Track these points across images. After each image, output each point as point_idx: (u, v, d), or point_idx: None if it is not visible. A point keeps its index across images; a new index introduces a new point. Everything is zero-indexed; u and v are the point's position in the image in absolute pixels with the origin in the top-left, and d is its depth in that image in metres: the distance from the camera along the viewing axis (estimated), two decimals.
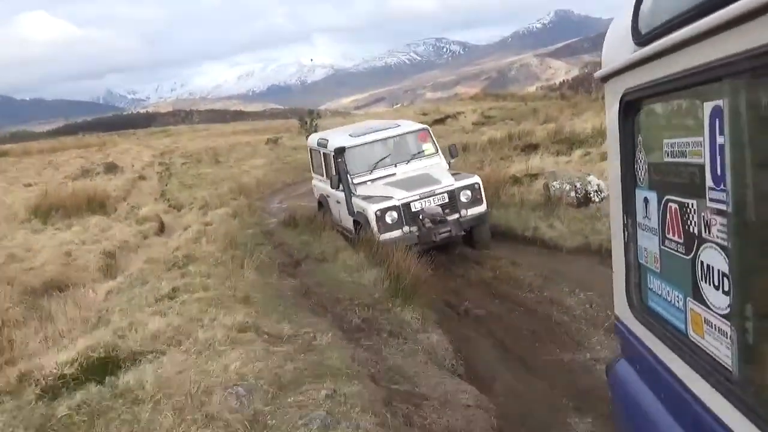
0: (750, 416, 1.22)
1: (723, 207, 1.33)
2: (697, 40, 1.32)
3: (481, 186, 8.73)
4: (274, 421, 3.13)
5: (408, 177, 9.00)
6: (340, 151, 8.96)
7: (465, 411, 3.78)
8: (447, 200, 8.41)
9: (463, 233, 8.53)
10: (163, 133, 52.66)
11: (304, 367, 3.89)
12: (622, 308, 2.09)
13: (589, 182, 10.33)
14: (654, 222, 1.77)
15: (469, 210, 8.46)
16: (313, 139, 11.29)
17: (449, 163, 9.61)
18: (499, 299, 6.67)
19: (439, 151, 9.76)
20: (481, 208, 8.60)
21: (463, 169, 14.58)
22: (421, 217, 8.21)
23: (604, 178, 10.20)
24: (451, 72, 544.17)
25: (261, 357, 3.98)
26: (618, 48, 1.89)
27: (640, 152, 1.87)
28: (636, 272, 1.96)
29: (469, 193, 8.55)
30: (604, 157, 13.79)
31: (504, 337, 5.45)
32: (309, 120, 29.36)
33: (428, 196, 8.39)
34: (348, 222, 9.16)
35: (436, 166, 9.38)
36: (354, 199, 8.76)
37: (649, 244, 1.83)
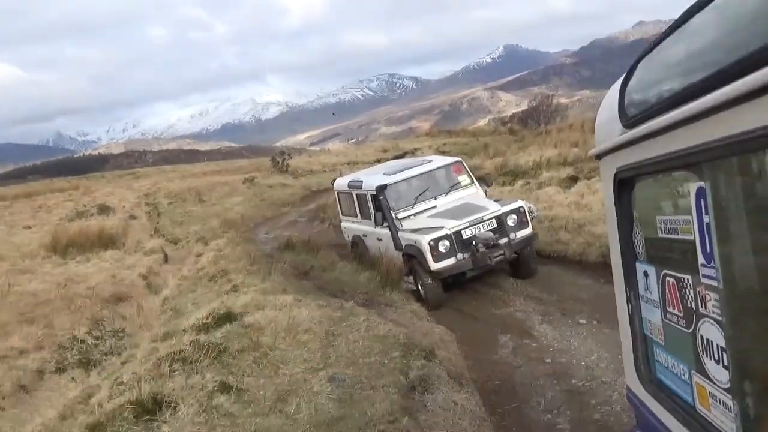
0: None
1: (715, 283, 1.34)
2: (677, 126, 1.37)
3: (527, 210, 9.01)
4: (339, 332, 5.86)
5: (451, 207, 9.20)
6: (382, 189, 9.26)
7: (439, 335, 6.56)
8: (495, 225, 8.60)
9: (514, 255, 8.68)
10: (132, 175, 54.33)
11: (342, 315, 6.62)
12: (632, 380, 2.08)
13: (532, 209, 13.33)
14: (655, 295, 1.77)
15: (517, 233, 8.65)
16: (342, 182, 11.59)
17: (485, 192, 10.00)
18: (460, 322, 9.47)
19: (475, 182, 10.02)
20: (528, 230, 8.81)
21: None
22: (474, 243, 8.37)
23: (536, 203, 13.21)
24: (405, 106, 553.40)
25: (316, 312, 6.70)
26: (608, 128, 1.94)
27: (637, 227, 1.90)
28: (642, 344, 1.96)
29: (515, 216, 8.75)
30: (540, 186, 16.87)
31: (460, 306, 8.25)
32: (281, 160, 32.06)
33: (477, 223, 8.57)
34: (392, 256, 9.36)
35: (474, 195, 9.65)
36: (401, 234, 8.93)
37: (652, 316, 1.84)
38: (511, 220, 8.71)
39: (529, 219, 8.91)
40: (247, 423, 3.85)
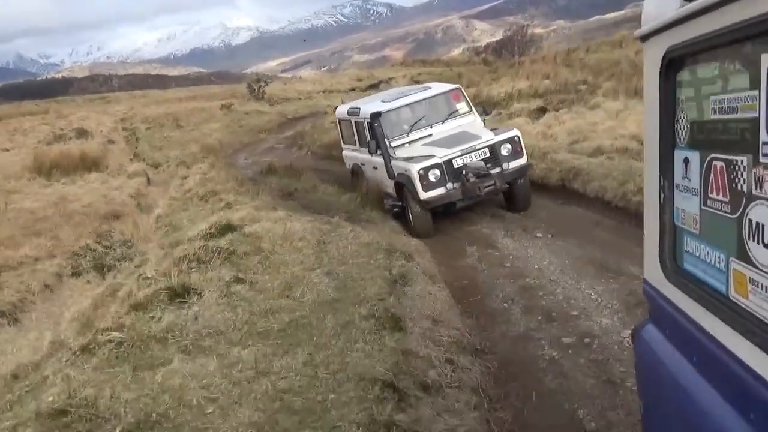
0: None
1: None
2: None
3: (521, 138, 8.80)
4: (329, 240, 6.76)
5: (446, 136, 9.10)
6: (376, 116, 9.03)
7: (415, 246, 7.49)
8: (488, 155, 8.47)
9: (507, 186, 8.59)
10: (102, 99, 53.70)
11: (330, 227, 7.50)
12: (653, 271, 2.08)
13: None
14: (695, 182, 1.74)
15: (511, 163, 8.52)
16: (342, 109, 11.34)
17: (484, 120, 9.81)
18: None
19: (473, 110, 9.84)
20: (523, 161, 8.66)
21: None
22: (464, 172, 8.28)
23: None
24: (378, 34, 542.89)
25: (306, 224, 7.56)
26: (662, 4, 1.84)
27: (682, 111, 1.83)
28: (671, 235, 1.94)
29: (509, 146, 8.59)
30: (511, 116, 17.71)
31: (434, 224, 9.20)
32: (257, 87, 32.25)
33: (470, 152, 8.44)
34: (387, 185, 9.31)
35: (471, 123, 9.52)
36: (394, 162, 8.80)
37: (687, 205, 1.81)
38: (504, 150, 8.54)
39: (523, 148, 8.71)
40: (262, 304, 4.75)
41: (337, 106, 12.58)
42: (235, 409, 3.12)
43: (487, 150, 8.48)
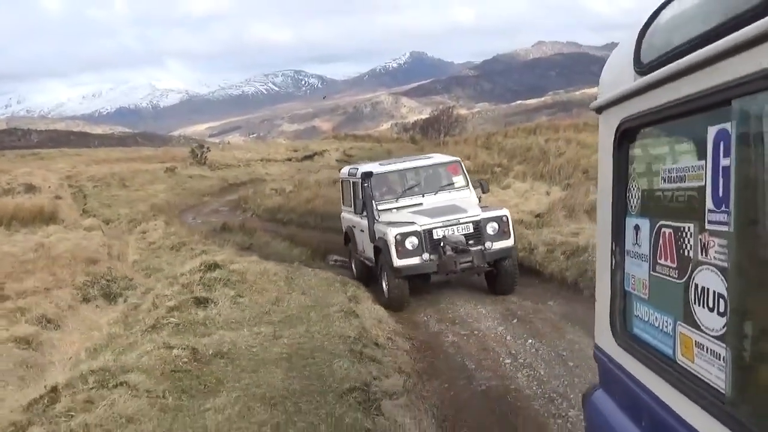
0: None
1: (723, 228, 1.38)
2: (706, 64, 1.37)
3: (510, 219, 8.53)
4: (296, 276, 9.05)
5: (434, 207, 8.91)
6: (367, 176, 8.91)
7: (357, 285, 9.86)
8: (472, 230, 8.24)
9: (487, 267, 8.32)
10: (34, 156, 54.06)
11: (293, 269, 9.77)
12: (603, 337, 2.12)
13: None
14: (645, 248, 1.81)
15: (494, 243, 8.22)
16: (345, 170, 11.32)
17: (479, 198, 9.55)
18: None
19: (470, 185, 9.63)
20: (508, 242, 8.35)
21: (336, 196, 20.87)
22: (442, 244, 8.06)
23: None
24: (309, 104, 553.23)
25: (275, 267, 9.80)
26: (616, 78, 1.97)
27: (634, 180, 1.93)
28: (621, 300, 2.00)
29: (496, 225, 8.30)
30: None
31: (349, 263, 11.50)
32: (200, 152, 34.35)
33: (452, 225, 8.24)
34: (370, 250, 9.00)
35: (465, 198, 9.32)
36: (376, 225, 8.63)
37: (637, 271, 1.88)
38: (490, 228, 8.28)
39: (511, 229, 8.46)
40: (262, 308, 6.97)
41: (341, 168, 12.87)
42: (269, 348, 5.34)
43: (471, 225, 8.27)
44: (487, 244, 8.21)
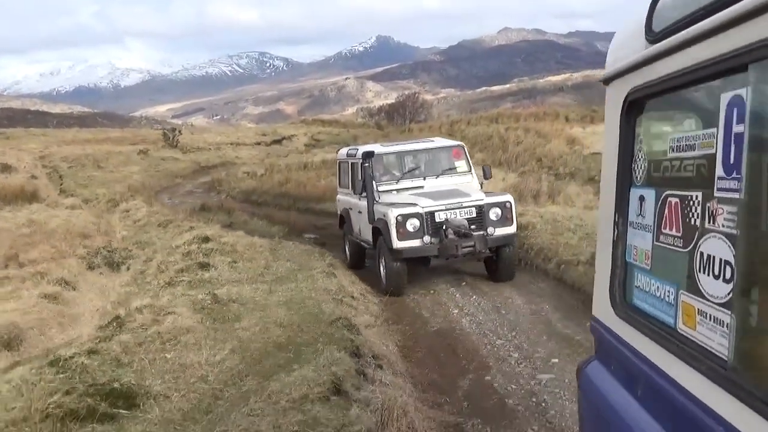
0: (745, 401, 1.28)
1: (734, 195, 1.39)
2: (722, 29, 1.36)
3: (513, 205, 8.48)
4: (279, 248, 10.49)
5: (436, 190, 8.84)
6: (368, 155, 8.85)
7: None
8: (474, 215, 8.18)
9: (488, 252, 8.26)
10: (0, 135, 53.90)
11: (275, 243, 11.20)
12: (602, 307, 2.16)
13: None
14: (649, 219, 1.85)
15: (497, 229, 8.18)
16: (343, 151, 11.32)
17: (481, 184, 9.47)
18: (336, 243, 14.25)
19: (473, 170, 9.58)
20: (511, 229, 8.33)
21: (309, 179, 22.28)
22: (444, 227, 7.98)
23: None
24: (274, 87, 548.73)
25: (259, 240, 11.20)
26: (626, 48, 1.97)
27: (640, 151, 1.95)
28: (622, 271, 2.04)
29: (499, 211, 8.25)
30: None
31: (324, 240, 12.95)
32: (172, 135, 35.24)
33: (455, 208, 8.16)
34: (367, 232, 8.97)
35: (467, 183, 9.24)
36: (376, 206, 8.55)
37: (640, 241, 1.92)
38: (493, 214, 8.24)
39: (514, 216, 8.43)
40: (256, 271, 8.38)
41: (339, 149, 12.99)
42: (269, 297, 6.77)
43: (474, 210, 8.21)
44: (490, 230, 8.14)
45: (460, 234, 7.92)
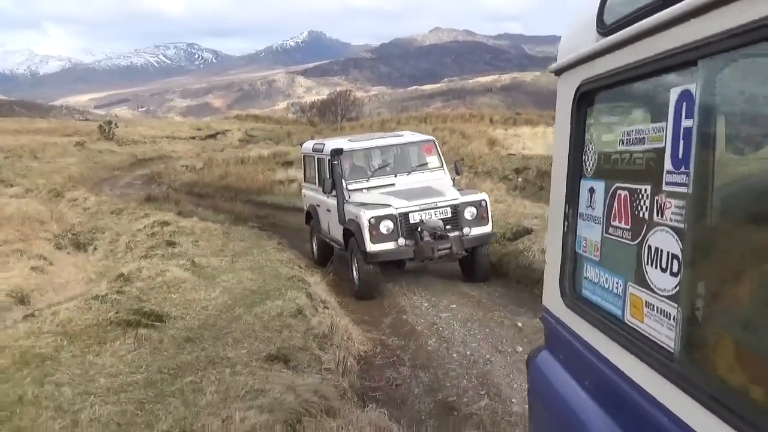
0: (691, 393, 1.30)
1: (682, 189, 1.41)
2: (672, 23, 1.37)
3: (488, 204, 8.30)
4: (230, 232, 12.12)
5: (409, 188, 8.60)
6: (337, 153, 8.58)
7: (277, 240, 13.03)
8: (450, 215, 8.00)
9: (464, 253, 8.09)
10: None
11: (226, 228, 12.80)
12: (552, 298, 2.19)
13: None
14: (599, 211, 1.86)
15: (473, 228, 8.02)
16: (308, 145, 10.95)
17: (453, 180, 9.32)
18: (278, 229, 15.88)
19: (444, 166, 9.35)
20: (486, 228, 8.16)
21: (248, 173, 23.71)
22: (419, 229, 7.78)
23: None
24: (202, 80, 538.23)
25: (212, 225, 12.79)
26: (577, 40, 1.96)
27: (590, 143, 1.96)
28: (571, 262, 2.06)
29: (474, 210, 8.09)
30: None
31: (284, 235, 14.69)
32: (108, 128, 35.76)
33: (430, 209, 7.97)
34: (337, 232, 8.78)
35: (439, 180, 9.03)
36: (347, 206, 8.32)
37: (590, 233, 1.93)
38: (468, 213, 8.08)
39: (489, 215, 8.24)
40: (216, 248, 9.99)
41: (302, 143, 12.53)
42: (233, 265, 8.42)
43: (449, 210, 8.03)
44: (466, 230, 8.00)
45: (436, 236, 7.73)
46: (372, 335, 6.16)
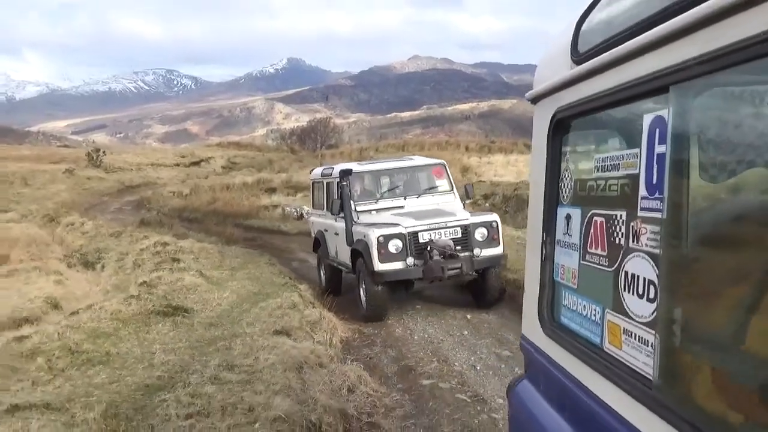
0: (670, 421, 1.29)
1: (656, 215, 1.41)
2: (644, 50, 1.39)
3: (500, 225, 8.22)
4: (225, 251, 13.60)
5: (418, 210, 8.60)
6: (346, 173, 8.55)
7: (269, 258, 14.53)
8: (460, 235, 7.94)
9: (474, 275, 8.01)
10: None
11: (220, 247, 14.28)
12: (530, 326, 2.17)
13: (304, 208, 21.78)
14: (575, 238, 1.86)
15: (483, 250, 7.94)
16: (317, 170, 10.95)
17: (464, 203, 9.19)
18: (267, 249, 17.33)
19: (455, 189, 9.32)
20: (498, 250, 8.08)
21: (234, 198, 25.15)
22: (429, 248, 7.71)
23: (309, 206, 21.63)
24: (181, 106, 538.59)
25: (208, 245, 14.26)
26: (553, 68, 1.99)
27: (567, 170, 1.97)
28: (550, 290, 2.05)
29: (485, 231, 8.02)
30: None
31: (272, 254, 16.16)
32: (96, 155, 37.04)
33: (440, 228, 7.90)
34: (345, 255, 8.72)
35: (449, 203, 9.00)
36: (355, 227, 8.26)
37: (567, 260, 1.92)
38: (479, 234, 8.01)
39: (500, 236, 8.16)
40: (215, 263, 11.44)
41: (312, 169, 12.47)
42: (233, 276, 9.91)
43: (459, 230, 7.97)
44: (476, 251, 7.91)
45: (446, 255, 7.66)
46: (350, 325, 7.67)
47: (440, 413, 4.90)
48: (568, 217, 1.93)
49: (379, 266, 7.64)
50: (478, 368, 5.99)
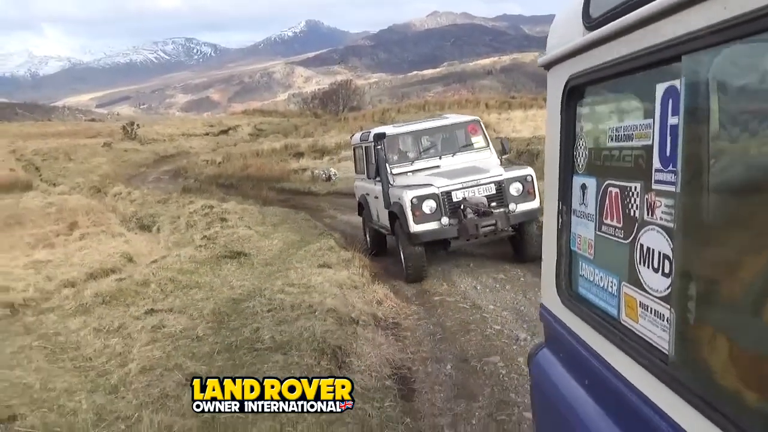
0: (684, 395, 1.29)
1: (670, 188, 1.39)
2: (656, 18, 1.35)
3: (535, 179, 8.06)
4: (265, 212, 15.25)
5: (453, 168, 8.58)
6: (380, 137, 8.53)
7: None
8: (494, 192, 7.88)
9: (511, 231, 7.98)
10: None
11: (259, 207, 15.92)
12: (549, 296, 2.17)
13: (331, 171, 23.32)
14: (591, 208, 1.82)
15: (519, 205, 7.86)
16: (357, 136, 10.94)
17: (501, 159, 9.15)
18: (300, 208, 18.94)
19: (491, 145, 9.22)
20: (534, 204, 7.96)
21: (265, 164, 26.74)
22: (463, 207, 7.70)
23: (338, 168, 23.17)
24: (202, 74, 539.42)
25: (249, 206, 15.90)
26: (565, 34, 1.93)
27: (581, 139, 1.92)
28: (567, 260, 2.03)
29: (520, 185, 7.94)
30: (341, 159, 26.66)
31: (305, 211, 17.76)
32: (131, 129, 38.88)
33: (473, 186, 7.85)
34: (384, 217, 8.77)
35: (485, 159, 8.91)
36: (391, 190, 8.26)
37: (583, 230, 1.90)
38: (514, 189, 7.93)
39: (536, 189, 7.99)
40: (259, 220, 13.09)
41: (352, 134, 12.73)
42: (276, 228, 11.54)
43: (493, 186, 7.92)
44: (511, 206, 7.84)
45: (480, 213, 7.66)
46: (380, 264, 9.24)
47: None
48: (584, 187, 1.90)
49: (414, 227, 7.74)
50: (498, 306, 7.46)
